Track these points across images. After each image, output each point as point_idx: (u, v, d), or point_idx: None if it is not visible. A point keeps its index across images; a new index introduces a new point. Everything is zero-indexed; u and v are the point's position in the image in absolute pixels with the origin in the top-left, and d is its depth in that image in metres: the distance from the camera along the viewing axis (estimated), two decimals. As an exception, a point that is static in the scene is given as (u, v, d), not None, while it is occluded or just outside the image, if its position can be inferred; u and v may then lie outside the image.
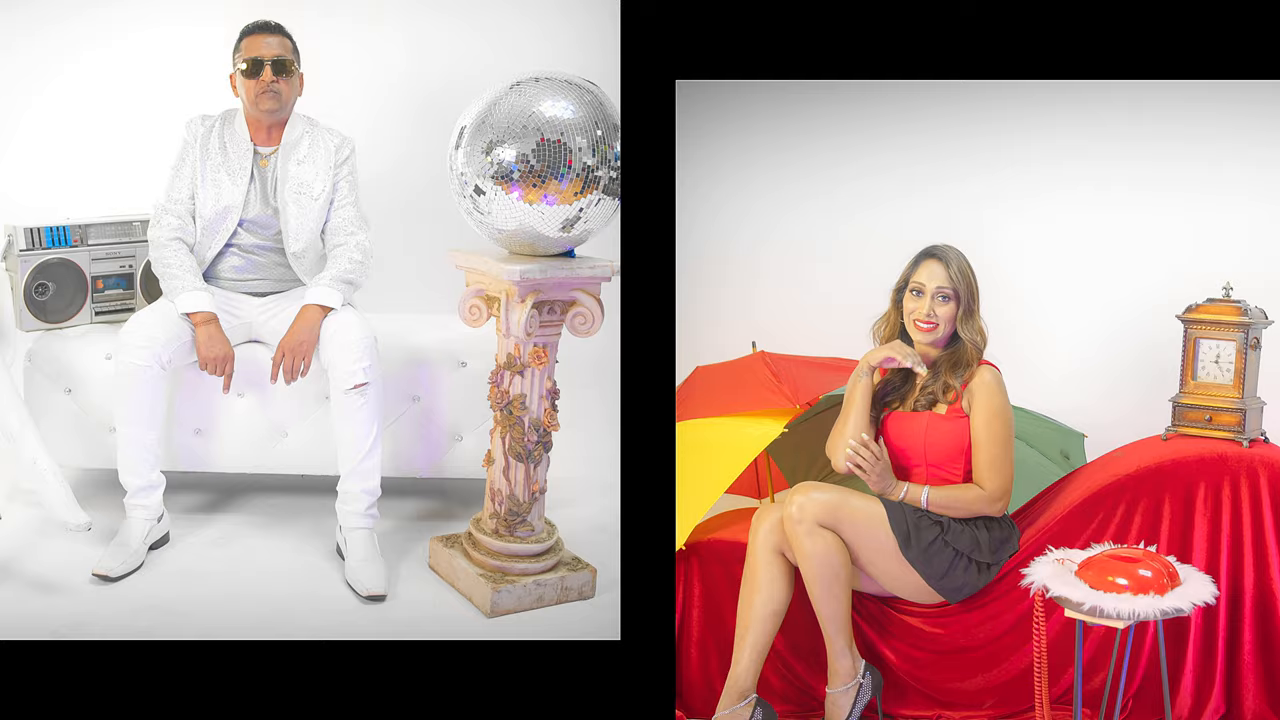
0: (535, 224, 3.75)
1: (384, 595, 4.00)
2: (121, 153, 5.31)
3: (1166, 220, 4.83)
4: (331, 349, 4.18)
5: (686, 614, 4.05)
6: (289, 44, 4.40)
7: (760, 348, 4.67)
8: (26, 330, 4.57)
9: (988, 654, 3.95)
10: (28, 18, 5.31)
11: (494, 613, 3.93)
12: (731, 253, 5.38)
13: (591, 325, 3.93)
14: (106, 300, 4.70)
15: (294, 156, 4.43)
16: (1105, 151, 4.89)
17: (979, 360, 3.88)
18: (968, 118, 5.06)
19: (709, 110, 5.31)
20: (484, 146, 3.71)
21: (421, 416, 4.58)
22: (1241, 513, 3.89)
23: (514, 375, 3.94)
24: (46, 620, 3.77)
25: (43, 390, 4.50)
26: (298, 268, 4.46)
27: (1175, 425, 4.14)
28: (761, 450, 4.19)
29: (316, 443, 4.45)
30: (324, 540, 4.37)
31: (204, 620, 3.84)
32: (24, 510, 4.44)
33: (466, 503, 4.82)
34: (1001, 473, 3.81)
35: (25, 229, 4.54)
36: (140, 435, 4.18)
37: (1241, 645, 3.90)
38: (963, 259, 3.89)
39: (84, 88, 5.40)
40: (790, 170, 5.34)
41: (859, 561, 3.82)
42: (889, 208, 5.15)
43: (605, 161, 3.74)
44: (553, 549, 4.10)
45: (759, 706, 3.77)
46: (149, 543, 4.21)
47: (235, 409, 4.47)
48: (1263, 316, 4.07)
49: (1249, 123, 4.70)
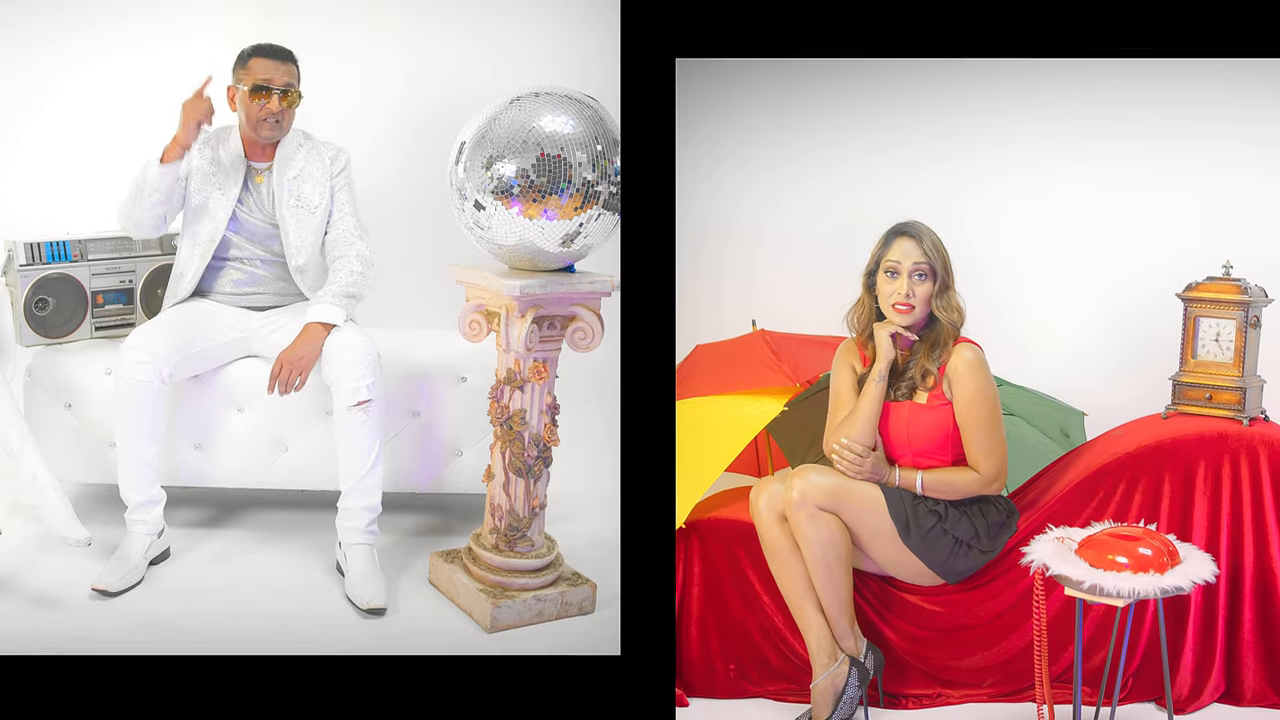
0: (535, 239, 3.76)
1: (384, 609, 4.00)
2: (121, 168, 5.26)
3: (1167, 199, 4.85)
4: (334, 366, 4.18)
5: (686, 592, 4.06)
6: (295, 70, 4.41)
7: (760, 326, 4.68)
8: (26, 345, 4.57)
9: (988, 632, 3.97)
10: (29, 35, 5.32)
11: (494, 628, 3.93)
12: (732, 230, 5.39)
13: (591, 340, 3.94)
14: (106, 315, 4.70)
15: (289, 171, 4.44)
16: (1105, 130, 4.91)
17: (956, 339, 3.83)
18: (968, 96, 5.08)
19: (709, 89, 5.31)
20: (484, 161, 3.72)
21: (422, 431, 4.58)
22: (1241, 491, 3.91)
23: (514, 390, 3.94)
24: (46, 635, 3.77)
25: (43, 405, 4.50)
26: (300, 282, 4.46)
27: (1175, 404, 4.16)
28: (761, 428, 4.20)
29: (317, 458, 4.45)
30: (324, 555, 4.37)
31: (204, 635, 3.84)
32: (24, 525, 4.44)
33: (466, 518, 4.82)
34: (994, 454, 3.78)
35: (25, 244, 4.54)
36: (141, 450, 4.18)
37: (1241, 624, 3.92)
38: (934, 234, 3.83)
39: (84, 104, 5.41)
40: (791, 149, 5.36)
41: (859, 544, 3.83)
42: (889, 186, 5.17)
43: (605, 176, 3.74)
44: (553, 564, 4.10)
45: (854, 664, 3.81)
46: (149, 558, 4.21)
47: (235, 424, 4.47)
48: (1263, 295, 4.08)
49: (1250, 101, 4.71)
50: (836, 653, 3.82)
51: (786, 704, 4.00)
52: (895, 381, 3.90)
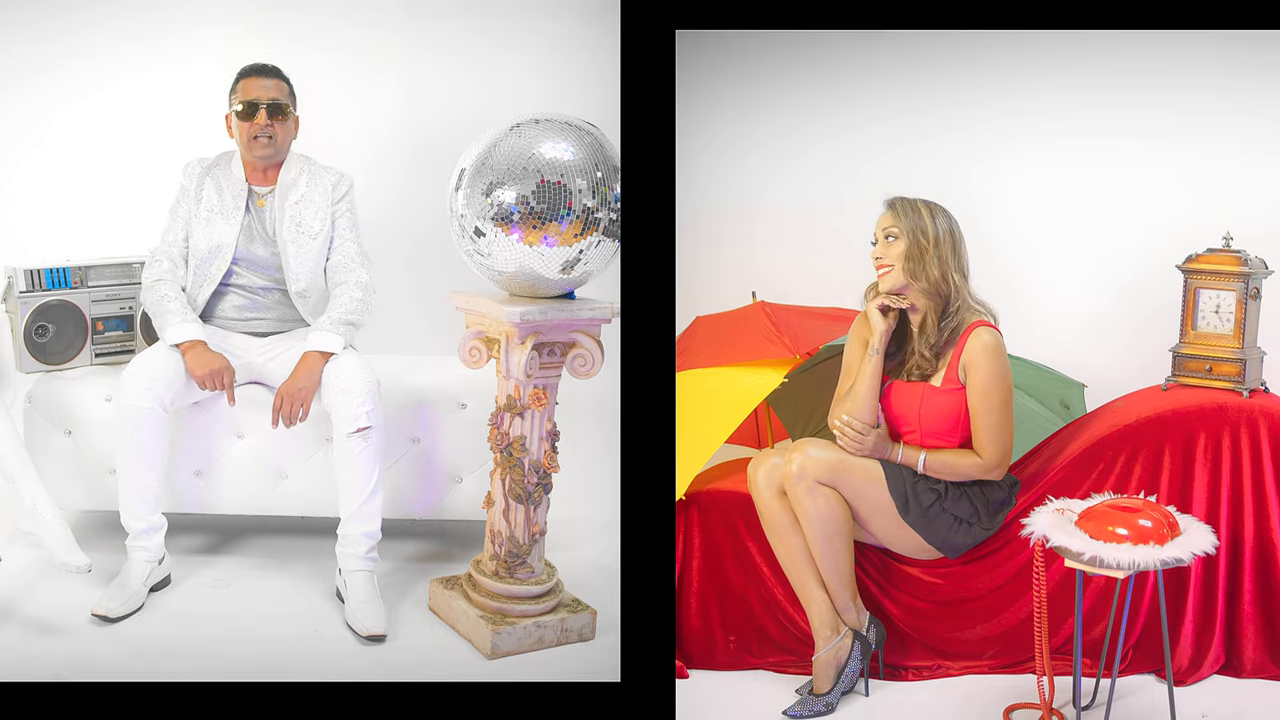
0: (535, 266, 3.77)
1: (384, 635, 3.99)
2: (122, 195, 5.32)
3: (1167, 170, 4.86)
4: (334, 393, 4.18)
5: (686, 564, 4.07)
6: (285, 87, 4.42)
7: (760, 298, 4.69)
8: (26, 372, 4.57)
9: (988, 604, 3.98)
10: (30, 63, 5.33)
11: (494, 654, 3.92)
12: (731, 201, 5.40)
13: (591, 367, 3.94)
14: (106, 342, 4.70)
15: (291, 196, 4.45)
16: (1106, 102, 4.92)
17: (973, 321, 3.81)
18: (969, 68, 5.09)
19: (709, 61, 5.32)
20: (484, 188, 3.73)
21: (421, 458, 4.58)
22: (1241, 463, 3.93)
23: (514, 417, 3.94)
24: (47, 662, 3.76)
25: (43, 432, 4.50)
26: (302, 307, 4.47)
27: (1175, 375, 4.17)
28: (761, 400, 4.21)
29: (317, 484, 4.45)
30: (324, 582, 4.37)
31: (204, 662, 3.83)
32: (24, 552, 4.43)
33: (466, 544, 4.81)
34: (1000, 441, 3.79)
35: (25, 271, 4.54)
36: (141, 476, 4.18)
37: (1241, 595, 3.94)
38: (917, 207, 3.82)
39: (84, 130, 5.41)
40: (790, 120, 5.36)
41: (858, 518, 3.84)
42: (890, 158, 5.18)
43: (605, 203, 3.75)
44: (553, 590, 4.10)
45: (856, 637, 3.83)
46: (149, 584, 4.20)
47: (236, 451, 4.48)
48: (1263, 266, 4.09)
49: (1251, 73, 4.72)
50: (839, 626, 3.83)
51: (787, 676, 4.01)
52: (904, 360, 3.91)
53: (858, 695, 3.89)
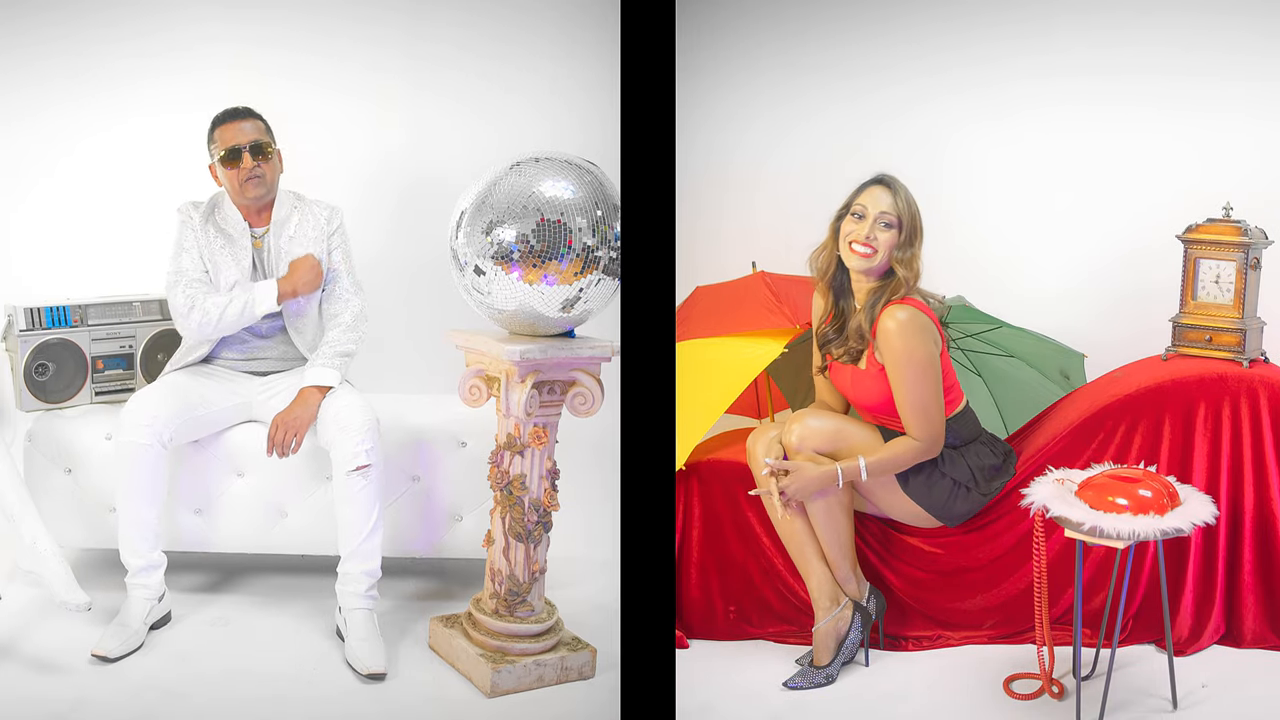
0: (535, 304, 3.78)
1: (384, 674, 3.99)
2: (123, 234, 5.33)
3: (1168, 139, 4.86)
4: (333, 430, 4.19)
5: (686, 534, 4.09)
6: (262, 125, 4.44)
7: (760, 268, 4.69)
8: (26, 410, 4.58)
9: (988, 575, 4.00)
10: (31, 102, 5.35)
11: (494, 693, 3.92)
12: (731, 171, 5.41)
13: (591, 405, 3.95)
14: (106, 380, 4.70)
15: (285, 233, 4.47)
16: (1107, 66, 4.92)
17: (888, 301, 3.79)
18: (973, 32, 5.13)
19: (711, 28, 5.32)
20: (484, 226, 3.74)
21: (421, 496, 4.58)
22: (1241, 433, 3.95)
23: (514, 455, 3.95)
24: (46, 702, 3.76)
25: (43, 470, 4.50)
26: (299, 342, 4.47)
27: (1175, 345, 4.19)
28: (761, 370, 4.21)
29: (316, 523, 4.45)
30: (324, 620, 4.36)
31: (204, 700, 3.83)
32: (24, 590, 4.42)
33: (466, 583, 4.81)
34: (923, 416, 3.76)
35: (25, 309, 4.55)
36: (141, 514, 4.18)
37: (1241, 566, 3.96)
38: (910, 193, 3.82)
39: (86, 170, 5.43)
40: (792, 87, 5.37)
41: (859, 488, 3.86)
42: (892, 125, 5.18)
43: (605, 241, 3.76)
44: (553, 629, 4.09)
45: (857, 608, 3.84)
46: (150, 622, 4.20)
47: (235, 489, 4.48)
48: (1263, 236, 4.11)
49: (1252, 40, 4.72)
50: (839, 597, 3.84)
51: (787, 646, 4.03)
52: (842, 334, 3.91)
53: (858, 665, 3.91)
